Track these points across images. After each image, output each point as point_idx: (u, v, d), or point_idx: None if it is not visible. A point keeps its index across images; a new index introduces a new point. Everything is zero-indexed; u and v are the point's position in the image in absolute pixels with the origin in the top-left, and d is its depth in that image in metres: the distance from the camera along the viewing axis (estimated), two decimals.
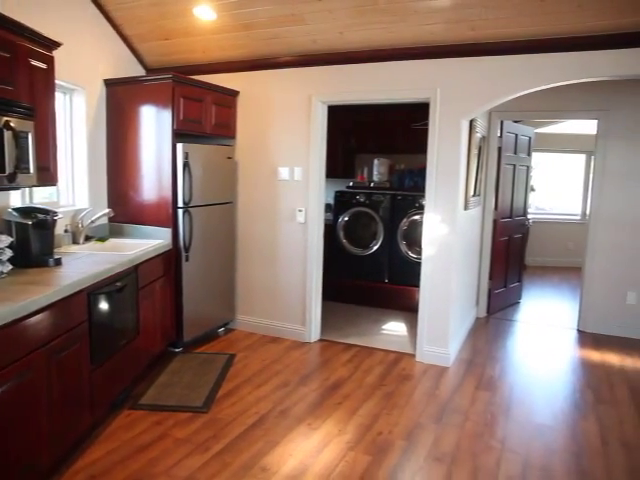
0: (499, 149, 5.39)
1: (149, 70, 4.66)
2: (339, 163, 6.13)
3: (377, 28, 3.67)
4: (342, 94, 4.21)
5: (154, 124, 3.95)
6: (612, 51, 3.38)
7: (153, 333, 3.70)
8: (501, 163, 5.42)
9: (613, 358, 4.38)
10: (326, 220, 5.06)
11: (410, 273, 5.28)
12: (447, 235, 3.99)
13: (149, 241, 3.84)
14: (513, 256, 5.93)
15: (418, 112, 4.23)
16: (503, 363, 4.21)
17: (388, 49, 3.90)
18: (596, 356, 4.43)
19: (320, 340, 4.57)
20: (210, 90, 4.24)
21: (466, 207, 4.28)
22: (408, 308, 5.33)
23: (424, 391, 3.60)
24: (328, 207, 5.96)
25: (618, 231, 4.94)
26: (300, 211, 4.41)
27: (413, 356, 4.21)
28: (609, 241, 4.97)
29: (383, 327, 5.01)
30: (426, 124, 4.00)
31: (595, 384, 3.82)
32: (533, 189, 8.77)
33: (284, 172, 4.45)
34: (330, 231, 5.72)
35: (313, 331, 4.54)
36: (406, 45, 3.83)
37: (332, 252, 5.76)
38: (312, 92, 4.27)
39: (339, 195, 5.88)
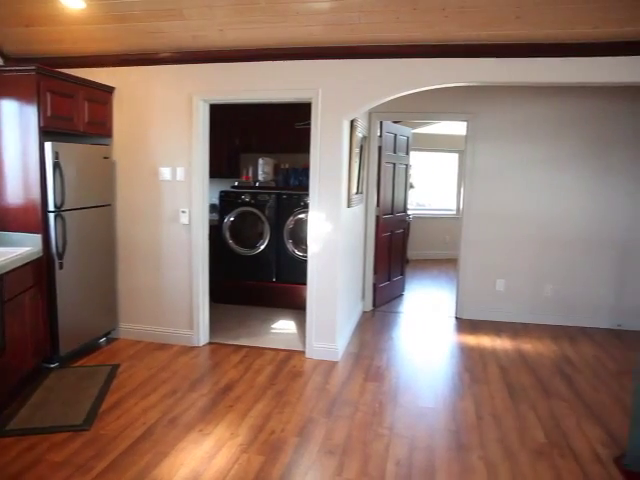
0: (379, 148, 5.64)
1: (9, 59, 4.25)
2: (223, 163, 6.04)
3: (258, 27, 3.65)
4: (224, 93, 4.15)
5: (17, 121, 3.60)
6: (473, 59, 3.69)
7: (23, 349, 3.39)
8: (382, 162, 5.67)
9: (486, 341, 4.77)
10: (212, 221, 4.96)
11: (297, 271, 5.35)
12: (331, 232, 4.09)
13: (15, 249, 3.51)
14: (396, 251, 6.24)
15: (302, 111, 4.28)
16: (389, 353, 4.41)
17: (270, 48, 3.91)
18: (472, 340, 4.80)
19: (209, 343, 4.48)
20: (82, 85, 3.96)
21: (349, 205, 4.41)
22: (297, 306, 5.39)
23: (315, 386, 3.66)
24: (213, 207, 5.85)
25: (488, 224, 5.40)
26: (184, 212, 4.28)
27: (303, 353, 4.26)
28: (480, 234, 5.42)
29: (273, 326, 5.03)
30: (309, 124, 4.07)
31: (471, 366, 4.14)
32: (412, 186, 9.28)
33: (166, 172, 4.29)
34: (216, 232, 5.62)
35: (202, 335, 4.43)
36: (288, 45, 3.86)
37: (219, 253, 5.67)
38: (193, 90, 4.16)
39: (224, 195, 5.79)
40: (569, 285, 5.33)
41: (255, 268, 5.77)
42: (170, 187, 4.31)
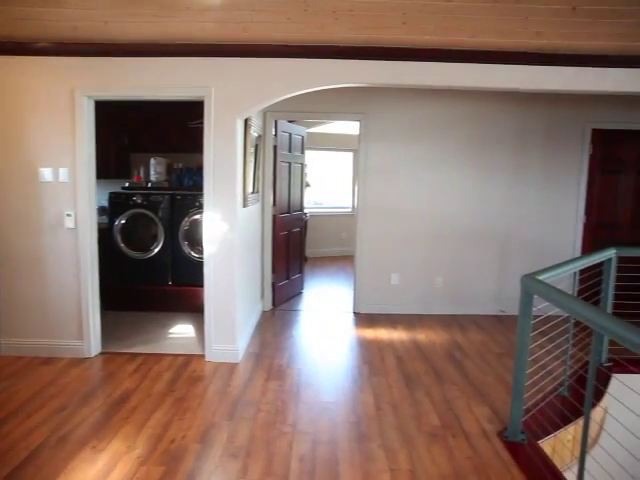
0: (275, 147, 5.64)
1: None
2: (112, 163, 5.72)
3: (146, 21, 3.51)
4: (111, 89, 3.92)
5: None
6: (364, 61, 3.82)
7: None
8: (277, 161, 5.68)
9: (383, 333, 4.96)
10: (101, 224, 4.69)
11: (194, 273, 5.19)
12: (228, 232, 4.03)
13: None
14: (293, 249, 6.29)
15: (195, 109, 4.17)
16: (291, 351, 4.44)
17: (159, 44, 3.76)
18: (370, 333, 4.96)
19: (102, 353, 4.22)
20: None
21: (245, 204, 4.38)
22: (195, 309, 5.24)
23: (216, 390, 3.59)
24: (103, 210, 5.53)
25: (382, 221, 5.61)
26: (69, 215, 4.00)
27: (203, 357, 4.16)
28: (374, 230, 5.62)
29: (170, 331, 4.85)
30: (202, 122, 3.98)
31: (369, 358, 4.28)
32: (308, 185, 9.43)
33: (47, 173, 3.97)
34: (106, 235, 5.31)
35: (93, 345, 4.16)
36: (179, 41, 3.73)
37: (110, 257, 5.36)
38: (76, 85, 3.89)
39: (114, 197, 5.49)
40: (457, 276, 5.70)
41: (150, 272, 5.53)
42: (52, 189, 4.00)
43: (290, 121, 6.10)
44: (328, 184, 10.33)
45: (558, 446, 3.06)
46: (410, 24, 3.42)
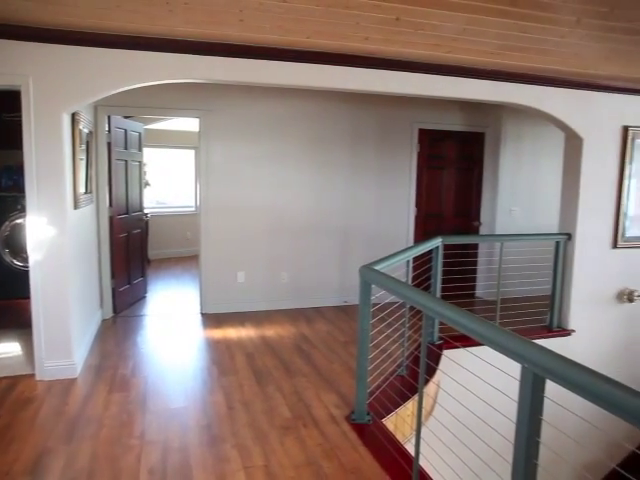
0: (109, 144, 5.27)
1: None
2: None
3: None
4: None
5: None
6: (200, 57, 3.74)
7: None
8: (112, 159, 5.31)
9: (232, 332, 4.93)
10: None
11: (19, 284, 4.63)
12: (57, 237, 3.67)
13: None
14: (134, 252, 5.95)
15: (12, 100, 3.70)
16: (135, 359, 4.19)
17: None
18: (218, 333, 4.89)
19: None
20: None
21: (77, 206, 4.02)
22: (22, 324, 4.68)
23: (50, 411, 3.25)
24: None
25: (225, 219, 5.56)
26: None
27: (33, 376, 3.74)
28: (219, 228, 5.55)
29: None
30: (20, 115, 3.56)
31: (219, 359, 4.22)
32: (148, 184, 8.98)
33: None
34: None
35: None
36: None
37: None
38: None
39: None
40: (302, 271, 5.87)
41: None
42: None
43: (126, 117, 5.74)
44: (170, 183, 9.95)
45: (399, 422, 3.32)
46: (247, 22, 3.41)
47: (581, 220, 5.03)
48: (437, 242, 4.18)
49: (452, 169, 6.48)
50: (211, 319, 5.39)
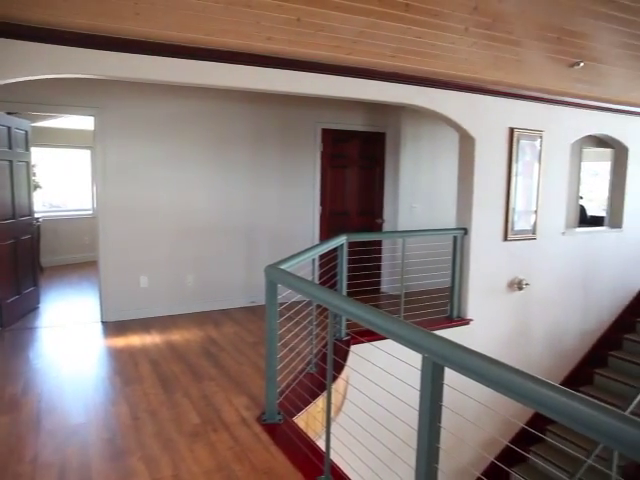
0: None
1: None
2: None
3: None
4: None
5: None
6: (90, 51, 3.54)
7: None
8: None
9: (135, 340, 4.71)
10: None
11: None
12: None
13: None
14: (24, 260, 5.50)
15: None
16: (27, 376, 3.87)
17: None
18: (121, 342, 4.66)
19: None
20: None
21: None
22: None
23: None
24: None
25: (125, 222, 5.30)
26: None
27: None
28: (118, 232, 5.28)
29: None
30: None
31: (121, 368, 4.02)
32: (39, 186, 8.37)
33: None
34: None
35: None
36: None
37: None
38: None
39: None
40: (208, 273, 5.75)
41: None
42: None
43: (9, 113, 5.29)
44: (65, 185, 9.33)
45: (310, 419, 3.35)
46: (144, 15, 3.27)
47: (475, 215, 5.36)
48: (342, 240, 4.26)
49: (355, 168, 6.65)
50: (113, 327, 5.12)
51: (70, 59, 3.50)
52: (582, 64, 4.45)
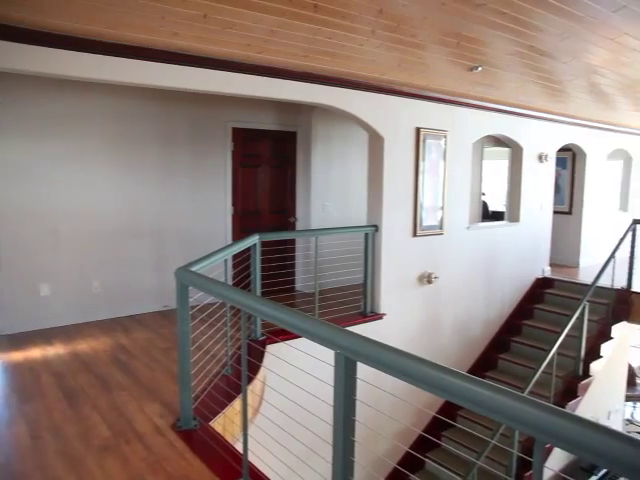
0: None
1: None
2: None
3: None
4: None
5: None
6: None
7: None
8: None
9: (36, 352, 4.39)
10: None
11: None
12: None
13: None
14: None
15: None
16: None
17: None
18: (18, 356, 4.32)
19: None
20: None
21: None
22: None
23: None
24: None
25: (23, 225, 4.93)
26: None
27: None
28: (15, 236, 4.90)
29: None
30: None
31: (20, 384, 3.72)
32: None
33: None
34: None
35: None
36: None
37: None
38: None
39: None
40: (116, 277, 5.48)
41: None
42: None
43: None
44: None
45: (227, 423, 3.29)
46: (34, 3, 3.05)
47: (386, 212, 5.53)
48: (254, 239, 4.23)
49: (267, 167, 6.62)
50: (9, 341, 4.73)
51: None
52: (480, 68, 4.72)
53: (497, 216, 9.11)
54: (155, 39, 3.69)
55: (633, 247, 6.57)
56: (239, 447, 2.75)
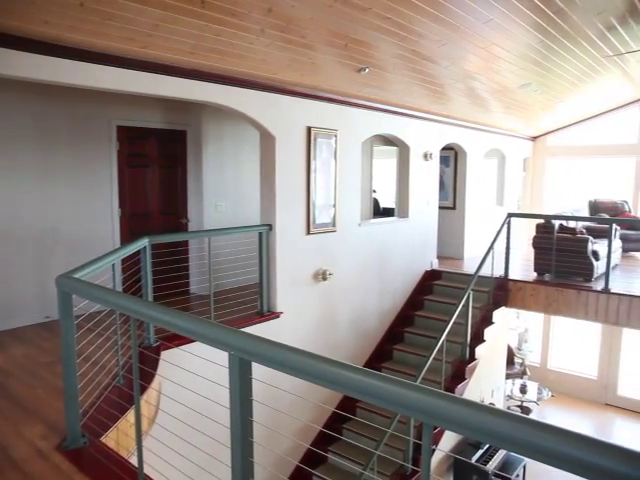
0: None
1: None
2: None
3: None
4: None
5: None
6: None
7: None
8: None
9: None
10: None
11: None
12: None
13: None
14: None
15: None
16: None
17: None
18: None
19: None
20: None
21: None
22: None
23: None
24: None
25: None
26: None
27: None
28: None
29: None
30: None
31: None
32: None
33: None
34: None
35: None
36: None
37: None
38: None
39: None
40: None
41: None
42: None
43: None
44: None
45: (121, 436, 3.12)
46: None
47: (279, 211, 5.55)
48: (144, 242, 4.05)
49: (156, 167, 6.36)
50: None
51: None
52: (367, 70, 4.89)
53: (388, 212, 9.48)
54: (25, 27, 3.39)
55: (508, 238, 7.17)
56: (134, 461, 2.62)
